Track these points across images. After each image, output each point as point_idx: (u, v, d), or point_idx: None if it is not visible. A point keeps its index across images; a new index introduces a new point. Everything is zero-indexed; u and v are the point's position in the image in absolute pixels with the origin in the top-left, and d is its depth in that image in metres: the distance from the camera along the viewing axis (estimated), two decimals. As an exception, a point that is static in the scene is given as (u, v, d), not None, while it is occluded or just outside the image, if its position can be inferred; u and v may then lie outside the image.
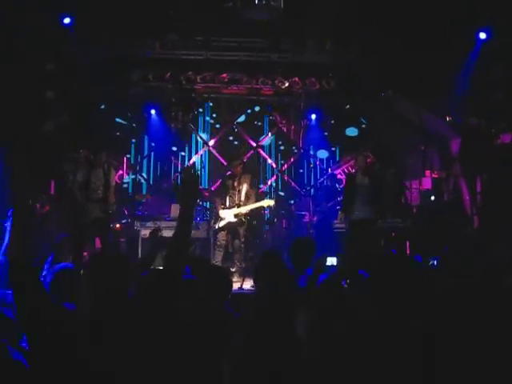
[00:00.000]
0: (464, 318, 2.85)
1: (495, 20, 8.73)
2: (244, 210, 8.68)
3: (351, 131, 11.91)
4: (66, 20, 9.01)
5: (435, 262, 6.23)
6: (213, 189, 11.42)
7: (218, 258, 8.62)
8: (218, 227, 8.70)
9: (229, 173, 9.65)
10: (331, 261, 7.78)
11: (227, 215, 8.61)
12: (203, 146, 12.27)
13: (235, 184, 8.71)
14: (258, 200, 8.96)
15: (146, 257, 4.28)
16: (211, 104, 11.92)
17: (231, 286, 4.01)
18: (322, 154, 12.27)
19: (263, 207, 9.08)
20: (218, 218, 8.70)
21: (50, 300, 2.71)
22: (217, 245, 8.73)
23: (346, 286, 4.05)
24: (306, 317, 2.80)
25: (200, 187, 11.66)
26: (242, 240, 8.74)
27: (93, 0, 8.62)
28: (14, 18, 8.35)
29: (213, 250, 9.01)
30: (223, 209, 8.64)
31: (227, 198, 8.68)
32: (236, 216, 8.61)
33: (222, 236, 8.71)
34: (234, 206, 8.63)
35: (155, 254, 4.10)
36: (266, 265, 4.30)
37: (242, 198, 8.64)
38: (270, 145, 12.51)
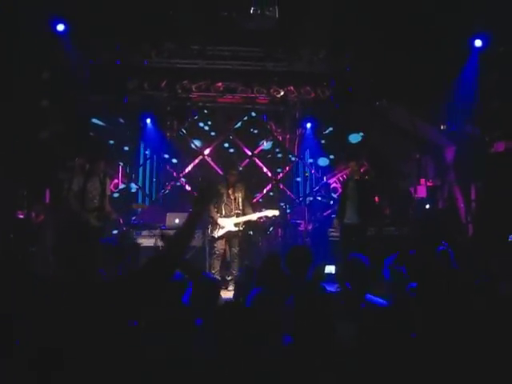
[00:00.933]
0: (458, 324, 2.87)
1: (491, 28, 8.79)
2: (249, 218, 8.69)
3: (354, 137, 11.83)
4: (60, 27, 8.99)
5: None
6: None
7: (216, 267, 8.55)
8: (217, 236, 8.63)
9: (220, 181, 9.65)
10: (329, 269, 7.83)
11: (227, 224, 8.57)
12: (198, 155, 12.27)
13: (230, 192, 8.69)
14: (253, 209, 8.99)
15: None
16: (206, 112, 11.88)
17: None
18: (323, 161, 12.21)
19: (268, 217, 9.10)
20: (217, 227, 8.64)
21: None
22: (215, 254, 8.64)
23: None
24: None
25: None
26: (238, 248, 8.73)
27: (89, 9, 8.62)
28: (10, 25, 8.38)
29: (209, 258, 8.99)
30: (221, 217, 8.63)
31: (223, 207, 8.64)
32: (236, 225, 8.61)
33: (220, 245, 8.64)
34: (232, 215, 8.60)
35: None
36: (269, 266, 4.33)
37: (240, 207, 8.64)
38: (266, 153, 12.50)
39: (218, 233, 8.61)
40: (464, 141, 10.01)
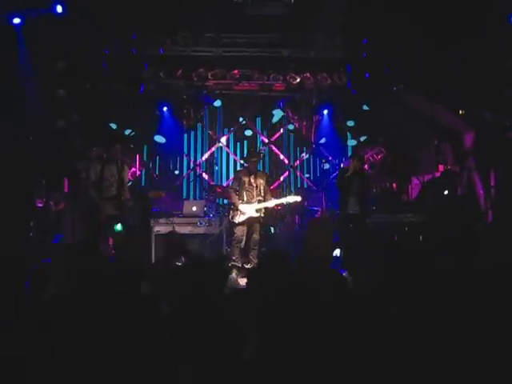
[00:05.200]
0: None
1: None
2: (270, 204, 8.68)
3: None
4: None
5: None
6: (224, 185, 11.43)
7: (236, 254, 8.46)
8: (238, 221, 8.53)
9: (241, 168, 9.66)
10: (336, 252, 8.01)
11: (248, 210, 8.47)
12: (215, 143, 12.29)
13: (251, 180, 8.65)
14: (274, 196, 8.97)
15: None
16: (222, 99, 11.83)
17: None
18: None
19: (289, 203, 9.04)
20: (238, 213, 8.55)
21: None
22: (235, 240, 8.54)
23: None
24: None
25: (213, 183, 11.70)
26: (259, 236, 8.63)
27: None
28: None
29: (227, 245, 8.98)
30: (242, 203, 8.55)
31: (244, 193, 8.56)
32: (258, 211, 8.56)
33: (239, 231, 8.51)
34: (254, 202, 8.56)
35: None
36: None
37: (262, 194, 8.60)
38: (283, 140, 12.44)
39: (239, 218, 8.50)
40: (483, 126, 9.89)
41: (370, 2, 8.79)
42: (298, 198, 9.01)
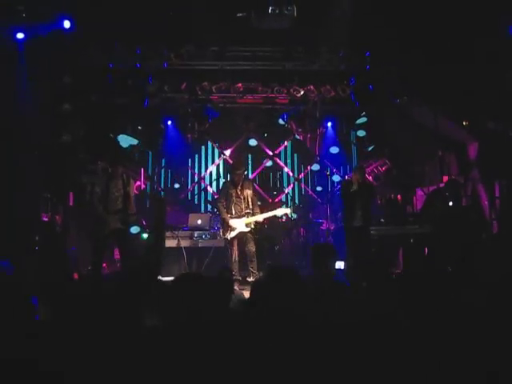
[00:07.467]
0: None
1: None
2: (259, 218, 8.63)
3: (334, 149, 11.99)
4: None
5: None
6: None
7: (234, 268, 8.44)
8: (230, 237, 8.48)
9: (226, 181, 9.68)
10: (339, 264, 8.04)
11: (238, 225, 8.45)
12: (219, 156, 12.32)
13: (238, 192, 8.60)
14: (260, 207, 8.93)
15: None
16: (227, 113, 11.87)
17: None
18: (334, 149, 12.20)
19: (278, 216, 9.01)
20: (229, 228, 8.50)
21: None
22: (231, 256, 8.48)
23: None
24: None
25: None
26: (254, 248, 8.57)
27: (109, 12, 8.68)
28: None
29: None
30: (231, 218, 8.52)
31: (232, 207, 8.53)
32: (247, 225, 8.51)
33: (233, 246, 8.49)
34: (243, 215, 8.49)
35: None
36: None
37: (250, 206, 8.54)
38: (286, 153, 12.51)
39: (230, 234, 8.47)
40: (487, 137, 9.88)
41: (374, 14, 8.83)
42: (288, 210, 9.02)
